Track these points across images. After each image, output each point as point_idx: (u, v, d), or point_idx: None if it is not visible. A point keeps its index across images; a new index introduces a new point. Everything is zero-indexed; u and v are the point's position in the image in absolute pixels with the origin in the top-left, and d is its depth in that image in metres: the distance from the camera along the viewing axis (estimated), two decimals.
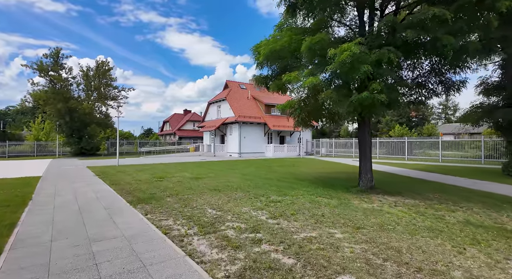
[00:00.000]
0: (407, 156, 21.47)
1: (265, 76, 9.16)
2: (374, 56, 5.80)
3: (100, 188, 9.11)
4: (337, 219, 5.07)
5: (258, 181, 10.14)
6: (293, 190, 8.03)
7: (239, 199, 7.01)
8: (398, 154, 22.36)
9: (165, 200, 7.03)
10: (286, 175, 12.11)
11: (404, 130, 29.62)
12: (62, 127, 29.58)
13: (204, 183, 9.67)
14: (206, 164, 17.97)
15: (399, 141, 22.45)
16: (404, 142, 21.91)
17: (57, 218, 5.44)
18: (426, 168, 14.81)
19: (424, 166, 16.47)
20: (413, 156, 21.55)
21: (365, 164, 7.88)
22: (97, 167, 16.14)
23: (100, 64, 32.00)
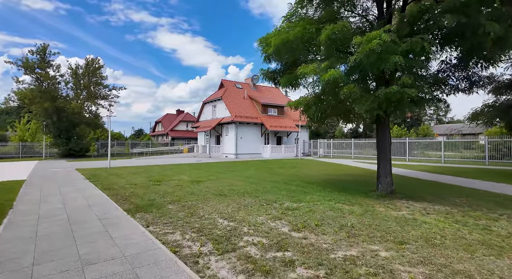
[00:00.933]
0: (408, 157, 21.11)
1: (274, 71, 8.47)
2: (404, 46, 5.18)
3: (91, 193, 8.24)
4: (371, 232, 4.41)
5: (265, 184, 9.43)
6: (306, 195, 7.35)
7: (250, 206, 6.29)
8: (398, 155, 22.00)
9: (167, 207, 6.25)
10: (292, 177, 11.43)
11: (402, 130, 29.40)
12: (49, 127, 28.22)
13: (207, 187, 8.91)
14: (203, 166, 17.15)
15: (400, 141, 22.08)
16: (405, 142, 21.55)
17: (42, 232, 4.61)
18: (432, 170, 14.37)
19: (429, 167, 16.06)
20: (413, 157, 21.22)
21: (385, 166, 7.27)
22: (87, 170, 15.14)
23: (90, 61, 30.76)
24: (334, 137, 50.59)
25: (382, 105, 5.78)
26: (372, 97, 5.77)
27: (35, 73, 27.51)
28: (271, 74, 8.47)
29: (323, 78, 5.85)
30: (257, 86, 34.33)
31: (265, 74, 8.47)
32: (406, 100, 5.55)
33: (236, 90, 31.25)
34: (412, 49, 5.16)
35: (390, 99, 5.53)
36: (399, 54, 5.14)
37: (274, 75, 8.45)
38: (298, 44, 6.88)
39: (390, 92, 5.33)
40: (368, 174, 13.11)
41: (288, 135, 30.75)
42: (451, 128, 56.23)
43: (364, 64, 5.49)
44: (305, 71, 6.19)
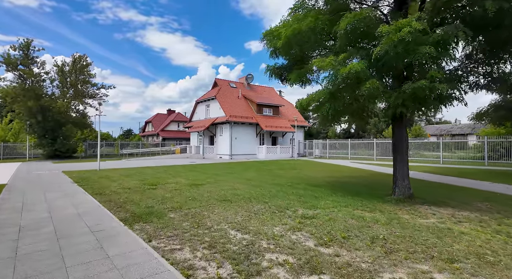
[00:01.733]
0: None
1: (280, 67, 7.89)
2: (435, 36, 4.70)
3: (81, 199, 7.46)
4: (409, 246, 3.88)
5: (269, 188, 8.85)
6: (319, 200, 6.80)
7: (261, 213, 5.68)
8: None
9: (169, 216, 5.58)
10: (295, 180, 10.88)
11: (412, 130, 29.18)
12: (33, 127, 26.82)
13: (208, 192, 8.25)
14: (199, 168, 16.43)
15: None
16: None
17: (24, 250, 3.88)
18: (435, 171, 14.10)
19: (430, 168, 15.82)
20: (411, 157, 21.02)
21: (402, 168, 6.80)
22: (75, 172, 14.19)
23: (77, 59, 29.47)
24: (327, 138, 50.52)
25: (407, 102, 5.30)
26: (395, 93, 5.27)
27: (18, 70, 26.11)
28: (278, 70, 7.89)
29: (342, 72, 5.32)
30: (251, 86, 33.73)
31: (272, 70, 7.88)
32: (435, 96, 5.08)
33: (230, 89, 30.57)
34: (444, 39, 4.68)
35: (416, 96, 5.05)
36: (429, 44, 4.65)
37: (281, 71, 7.88)
38: (310, 35, 6.33)
39: (418, 87, 4.84)
40: (372, 176, 12.72)
41: (284, 136, 30.28)
42: (441, 129, 57.22)
43: (389, 56, 4.98)
44: (321, 64, 5.65)
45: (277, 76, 8.06)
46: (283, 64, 7.77)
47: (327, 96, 6.06)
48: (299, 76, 6.86)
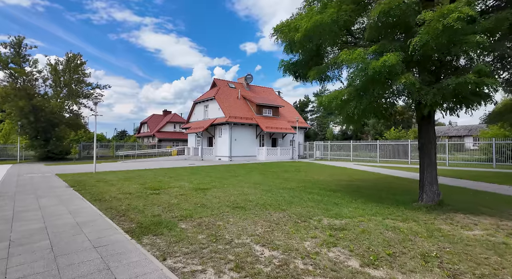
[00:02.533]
0: (410, 159, 20.54)
1: (295, 62, 7.32)
2: (486, 23, 4.19)
3: (79, 206, 6.78)
4: (471, 266, 3.34)
5: (281, 193, 8.28)
6: (341, 208, 6.25)
7: (282, 223, 5.11)
8: (399, 157, 21.44)
9: (180, 227, 4.96)
10: (306, 184, 10.32)
11: (400, 132, 29.02)
12: (25, 127, 25.82)
13: (216, 197, 7.64)
14: (200, 170, 15.78)
15: (402, 143, 21.51)
16: (407, 145, 20.99)
17: (15, 274, 3.24)
18: (446, 174, 13.68)
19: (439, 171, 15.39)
20: (415, 159, 20.66)
21: (430, 172, 6.29)
22: (70, 175, 13.43)
23: (71, 57, 28.58)
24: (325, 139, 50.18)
25: (448, 99, 4.79)
26: (433, 89, 4.75)
27: (9, 68, 25.16)
28: (292, 66, 7.32)
29: (373, 66, 4.78)
30: (250, 86, 33.18)
31: (287, 66, 7.31)
32: (478, 93, 4.58)
33: (229, 90, 29.97)
34: (496, 27, 4.19)
35: (459, 92, 4.55)
36: (478, 33, 4.15)
37: (295, 68, 7.32)
38: (332, 27, 5.78)
39: (463, 82, 4.33)
40: (383, 179, 12.23)
41: (283, 137, 29.76)
42: (438, 131, 57.41)
43: (428, 48, 4.46)
44: (349, 57, 5.10)
45: (291, 73, 7.50)
46: (298, 60, 7.21)
47: (354, 93, 5.52)
48: (319, 73, 6.32)
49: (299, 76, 7.52)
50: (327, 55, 7.39)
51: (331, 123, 56.43)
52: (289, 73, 7.48)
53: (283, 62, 7.31)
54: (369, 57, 5.24)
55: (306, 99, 61.95)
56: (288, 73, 7.48)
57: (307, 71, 7.05)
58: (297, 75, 7.52)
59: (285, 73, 7.44)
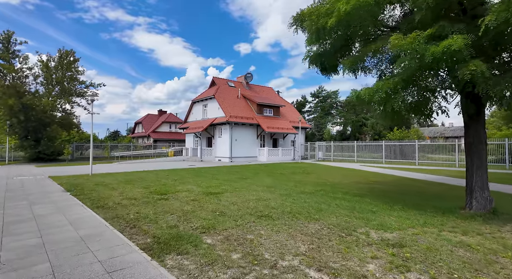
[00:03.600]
0: (417, 160, 20.06)
1: (322, 53, 6.60)
2: None
3: (79, 215, 5.94)
4: None
5: (303, 198, 7.56)
6: (380, 216, 5.56)
7: (325, 238, 4.37)
8: (405, 158, 20.94)
9: (206, 242, 4.19)
10: (324, 187, 9.63)
11: (404, 132, 28.59)
12: (14, 127, 24.53)
13: (232, 203, 6.88)
14: (203, 172, 14.95)
15: (409, 144, 21.03)
16: (414, 145, 20.51)
17: None
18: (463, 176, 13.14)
19: (452, 172, 14.96)
20: (422, 160, 20.20)
21: (480, 175, 5.65)
22: (64, 178, 12.46)
23: (63, 54, 27.35)
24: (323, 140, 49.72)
25: None
26: (507, 78, 4.09)
27: None
28: (320, 58, 6.61)
29: (432, 52, 4.11)
30: (250, 85, 32.44)
31: (313, 57, 6.60)
32: None
33: (228, 89, 29.16)
34: None
35: None
36: None
37: (322, 59, 6.61)
38: (373, 9, 5.10)
39: None
40: (401, 181, 11.64)
41: (284, 137, 29.09)
42: (434, 131, 57.64)
43: (503, 28, 3.81)
44: (400, 43, 4.41)
45: (317, 65, 6.79)
46: (325, 50, 6.49)
47: (400, 85, 4.83)
48: (355, 62, 5.61)
49: (326, 68, 6.81)
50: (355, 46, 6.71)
51: (329, 124, 56.05)
52: (315, 65, 6.77)
53: (310, 52, 6.58)
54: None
55: (303, 99, 61.48)
56: (314, 65, 6.77)
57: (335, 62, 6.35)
58: (324, 68, 6.81)
59: (311, 65, 6.72)
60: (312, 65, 6.71)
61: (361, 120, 48.35)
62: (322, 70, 6.86)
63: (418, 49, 4.27)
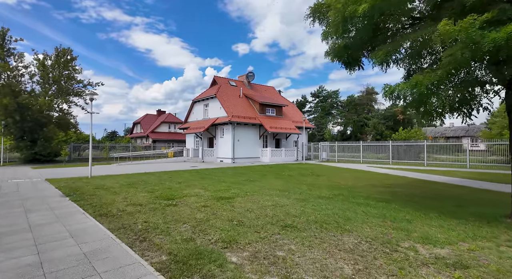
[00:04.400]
0: (426, 161, 19.56)
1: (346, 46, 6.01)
2: None
3: (81, 225, 5.32)
4: None
5: (324, 204, 7.00)
6: (421, 227, 5.00)
7: (368, 255, 3.80)
8: (413, 159, 20.45)
9: (231, 261, 3.60)
10: (341, 191, 9.07)
11: (410, 132, 28.04)
12: (9, 127, 23.79)
13: (249, 210, 6.30)
14: (208, 174, 14.35)
15: (417, 144, 20.54)
16: (422, 146, 20.02)
17: None
18: (479, 177, 12.70)
19: (466, 173, 14.47)
20: (431, 161, 19.70)
21: None
22: (62, 181, 11.81)
23: (60, 52, 26.60)
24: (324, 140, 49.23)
25: None
26: None
27: None
28: (344, 51, 6.04)
29: (492, 38, 3.56)
30: (252, 84, 31.85)
31: (338, 50, 6.02)
32: None
33: (230, 88, 28.56)
34: None
35: None
36: None
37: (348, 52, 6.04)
38: None
39: None
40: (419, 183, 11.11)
41: (287, 138, 28.53)
42: (435, 131, 57.33)
43: None
44: (452, 29, 3.85)
45: (340, 59, 6.23)
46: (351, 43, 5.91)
47: (445, 78, 4.26)
48: (390, 53, 5.04)
49: (349, 62, 6.25)
50: (390, 35, 6.13)
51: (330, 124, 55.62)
52: (338, 59, 6.20)
53: (334, 45, 6.00)
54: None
55: (303, 99, 61.02)
56: (337, 60, 6.20)
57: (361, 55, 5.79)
58: (347, 62, 6.25)
59: (334, 58, 6.15)
60: (335, 59, 6.14)
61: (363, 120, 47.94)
62: (347, 65, 6.30)
63: (474, 36, 3.73)
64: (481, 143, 27.01)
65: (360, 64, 6.35)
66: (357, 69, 6.39)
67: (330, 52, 6.14)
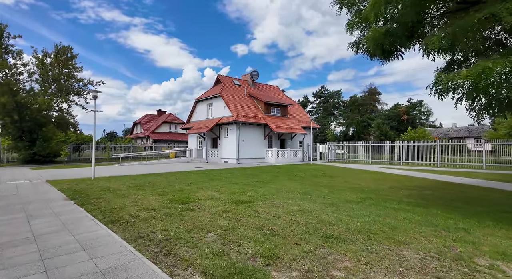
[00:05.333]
0: (439, 162, 18.98)
1: (387, 33, 5.39)
2: None
3: (92, 234, 4.68)
4: None
5: (357, 209, 6.39)
6: (485, 238, 4.39)
7: (444, 276, 3.20)
8: (424, 159, 19.87)
9: None
10: (368, 195, 8.46)
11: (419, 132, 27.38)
12: (7, 127, 23.05)
13: (277, 216, 5.69)
14: (216, 175, 13.71)
15: (429, 145, 19.97)
16: (435, 146, 19.45)
17: None
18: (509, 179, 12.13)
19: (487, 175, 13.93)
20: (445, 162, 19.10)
21: None
22: (64, 182, 11.14)
23: (60, 50, 25.91)
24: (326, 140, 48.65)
25: None
26: None
27: None
28: (382, 39, 5.43)
29: None
30: (255, 84, 31.25)
31: (377, 36, 5.39)
32: None
33: (234, 87, 27.94)
34: None
35: None
36: None
37: (390, 39, 5.42)
38: None
39: None
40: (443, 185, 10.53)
41: (292, 138, 27.92)
42: (438, 132, 56.86)
43: None
44: None
45: (377, 47, 5.60)
46: (393, 29, 5.29)
47: None
48: (446, 39, 4.41)
49: (388, 51, 5.64)
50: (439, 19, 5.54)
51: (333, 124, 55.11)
52: (374, 47, 5.58)
53: (371, 32, 5.37)
54: None
55: (305, 99, 60.48)
56: (367, 50, 5.59)
57: (405, 42, 5.19)
58: (384, 51, 5.64)
59: (368, 48, 5.53)
60: (365, 50, 5.52)
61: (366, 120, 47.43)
62: (383, 53, 5.70)
63: None
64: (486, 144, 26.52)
65: (399, 53, 5.75)
66: (394, 59, 5.79)
67: (367, 39, 5.51)
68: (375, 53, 5.63)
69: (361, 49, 7.88)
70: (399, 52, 5.76)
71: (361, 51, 7.91)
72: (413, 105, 53.18)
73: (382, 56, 5.71)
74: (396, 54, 5.79)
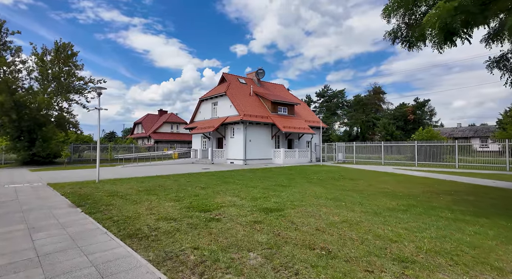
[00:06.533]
0: (458, 163, 18.21)
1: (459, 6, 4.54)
2: None
3: (108, 254, 3.86)
4: None
5: (405, 219, 5.60)
6: None
7: None
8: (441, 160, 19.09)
9: None
10: (408, 201, 7.66)
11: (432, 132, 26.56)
12: (6, 127, 22.11)
13: (319, 230, 4.89)
14: (227, 177, 12.88)
15: (446, 145, 19.21)
16: (454, 146, 18.68)
17: None
18: None
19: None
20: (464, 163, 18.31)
21: None
22: (67, 186, 10.29)
23: (60, 47, 25.01)
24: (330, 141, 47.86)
25: None
26: None
27: None
28: (450, 18, 4.55)
29: None
30: (261, 82, 30.44)
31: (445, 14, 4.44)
32: None
33: (240, 86, 27.13)
34: None
35: None
36: None
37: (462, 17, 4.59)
38: None
39: None
40: (485, 190, 9.75)
41: (300, 138, 27.13)
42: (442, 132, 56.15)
43: None
44: None
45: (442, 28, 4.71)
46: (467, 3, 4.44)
47: None
48: None
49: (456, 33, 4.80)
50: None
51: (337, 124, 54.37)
52: (440, 31, 4.73)
53: (438, 9, 4.48)
54: None
55: (308, 99, 59.73)
56: (438, 30, 4.72)
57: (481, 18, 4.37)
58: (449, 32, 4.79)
59: (433, 29, 4.68)
60: (433, 30, 4.67)
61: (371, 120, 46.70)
62: (445, 38, 4.85)
63: None
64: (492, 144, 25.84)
65: (467, 35, 4.92)
66: (458, 43, 4.96)
67: (433, 19, 4.63)
68: (439, 36, 4.78)
69: (398, 38, 7.10)
70: (466, 34, 4.94)
71: (399, 40, 7.12)
72: (420, 104, 52.43)
73: (444, 41, 4.90)
74: (464, 37, 4.96)
